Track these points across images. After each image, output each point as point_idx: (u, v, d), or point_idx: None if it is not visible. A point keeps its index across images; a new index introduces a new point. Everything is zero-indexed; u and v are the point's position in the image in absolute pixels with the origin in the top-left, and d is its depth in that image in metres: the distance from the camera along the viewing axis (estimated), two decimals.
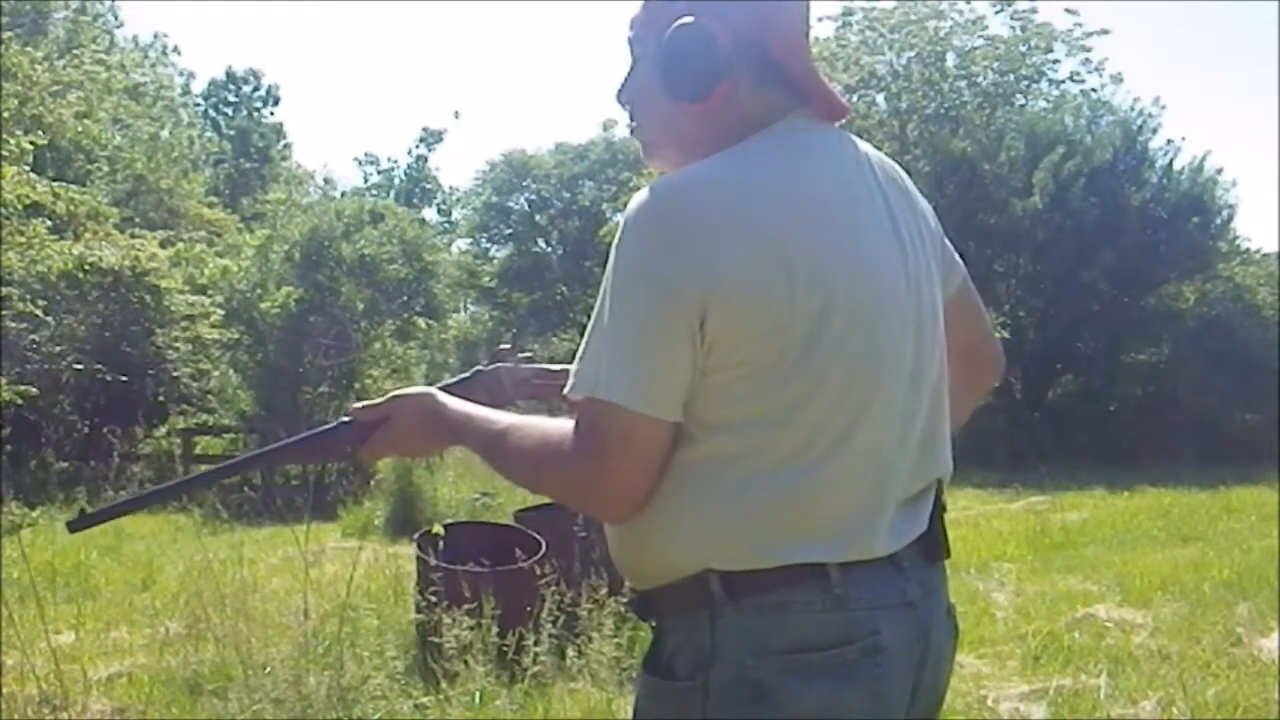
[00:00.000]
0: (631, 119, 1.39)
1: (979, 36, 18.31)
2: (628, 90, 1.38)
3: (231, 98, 32.11)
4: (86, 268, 12.07)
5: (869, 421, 1.23)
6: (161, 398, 13.50)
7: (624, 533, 1.29)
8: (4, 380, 9.95)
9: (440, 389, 1.50)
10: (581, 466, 1.22)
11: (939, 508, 1.35)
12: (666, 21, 1.28)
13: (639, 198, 1.21)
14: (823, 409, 1.20)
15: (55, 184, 11.40)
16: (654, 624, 1.32)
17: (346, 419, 1.51)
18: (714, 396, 1.20)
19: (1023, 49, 18.14)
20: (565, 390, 1.24)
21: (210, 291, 13.76)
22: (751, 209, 1.18)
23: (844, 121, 1.36)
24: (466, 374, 1.60)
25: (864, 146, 1.36)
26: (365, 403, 1.49)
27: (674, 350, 1.17)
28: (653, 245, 1.18)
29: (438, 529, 4.48)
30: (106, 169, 17.00)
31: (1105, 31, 18.14)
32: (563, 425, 1.25)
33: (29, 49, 13.53)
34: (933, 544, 1.33)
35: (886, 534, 1.25)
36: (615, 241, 1.21)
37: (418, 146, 34.47)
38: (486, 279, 26.33)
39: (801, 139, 1.28)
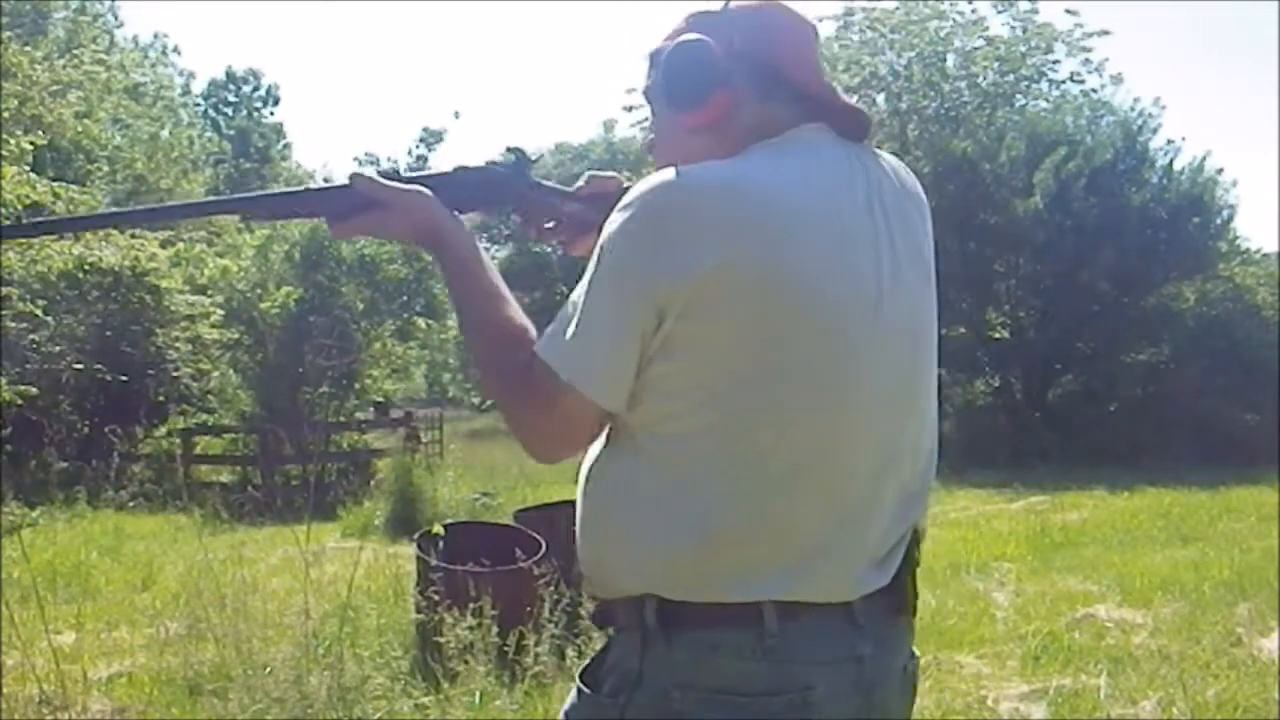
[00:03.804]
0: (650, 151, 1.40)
1: (980, 37, 18.32)
2: (651, 134, 1.40)
3: (231, 98, 32.16)
4: (86, 268, 12.06)
5: (837, 454, 1.20)
6: (161, 398, 13.48)
7: (584, 543, 1.29)
8: (4, 380, 9.95)
9: (460, 170, 1.44)
10: (515, 399, 1.25)
11: (913, 560, 1.30)
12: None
13: (639, 186, 1.21)
14: (780, 432, 1.17)
15: (55, 184, 11.38)
16: (610, 634, 1.30)
17: (348, 184, 1.39)
18: (668, 404, 1.19)
19: (1023, 49, 18.14)
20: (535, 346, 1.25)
21: (210, 291, 13.74)
22: (733, 215, 1.16)
23: (868, 139, 1.33)
24: (504, 166, 1.48)
25: (886, 164, 1.33)
26: (378, 180, 1.37)
27: (623, 338, 1.18)
28: (631, 235, 1.18)
29: (438, 529, 4.49)
30: (106, 169, 17.00)
31: (1106, 32, 18.16)
32: (532, 342, 1.25)
33: (29, 49, 13.52)
34: (900, 598, 1.28)
35: (843, 579, 1.21)
36: (610, 217, 1.22)
37: (418, 146, 34.43)
38: None
39: (802, 150, 1.26)
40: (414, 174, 1.42)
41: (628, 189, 1.25)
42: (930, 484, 1.34)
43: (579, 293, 1.21)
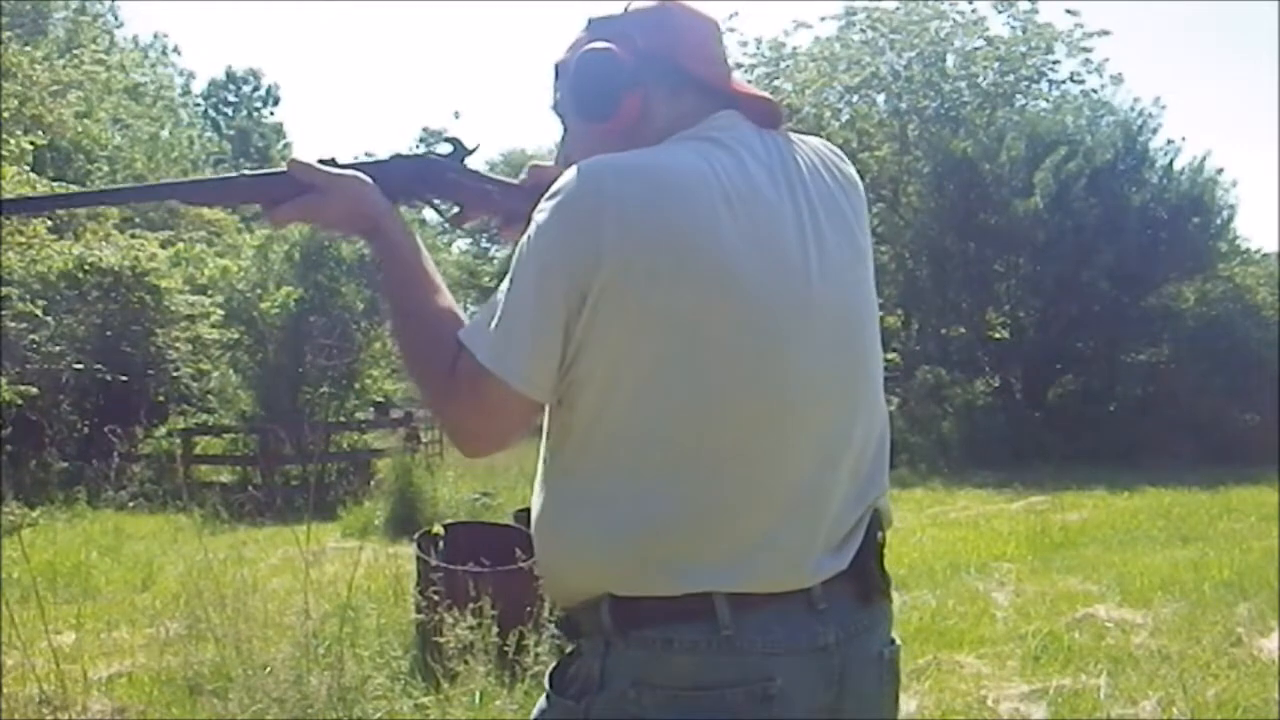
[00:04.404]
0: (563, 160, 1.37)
1: (980, 37, 18.31)
2: (562, 145, 1.39)
3: (231, 98, 32.20)
4: (86, 268, 12.07)
5: (773, 443, 1.19)
6: (161, 398, 13.48)
7: (537, 548, 1.28)
8: (4, 380, 9.95)
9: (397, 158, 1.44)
10: (441, 389, 1.23)
11: (875, 542, 1.28)
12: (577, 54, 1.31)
13: (563, 175, 1.21)
14: (709, 420, 1.17)
15: (55, 184, 11.41)
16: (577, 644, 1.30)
17: (283, 169, 1.38)
18: (601, 396, 1.18)
19: (1023, 50, 18.14)
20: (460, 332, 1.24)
21: (210, 291, 13.75)
22: (648, 198, 1.16)
23: (784, 126, 1.33)
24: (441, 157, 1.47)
25: (810, 149, 1.33)
26: (314, 165, 1.37)
27: (545, 326, 1.17)
28: (553, 224, 1.18)
29: (438, 529, 4.48)
30: (106, 169, 17.01)
31: (1106, 32, 18.16)
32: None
33: (29, 49, 13.53)
34: (866, 582, 1.26)
35: (796, 566, 1.20)
36: (539, 206, 1.22)
37: (418, 146, 34.47)
38: (486, 279, 26.36)
39: (720, 137, 1.25)
40: (350, 162, 1.41)
41: None
42: (885, 463, 1.33)
43: (506, 281, 1.20)
